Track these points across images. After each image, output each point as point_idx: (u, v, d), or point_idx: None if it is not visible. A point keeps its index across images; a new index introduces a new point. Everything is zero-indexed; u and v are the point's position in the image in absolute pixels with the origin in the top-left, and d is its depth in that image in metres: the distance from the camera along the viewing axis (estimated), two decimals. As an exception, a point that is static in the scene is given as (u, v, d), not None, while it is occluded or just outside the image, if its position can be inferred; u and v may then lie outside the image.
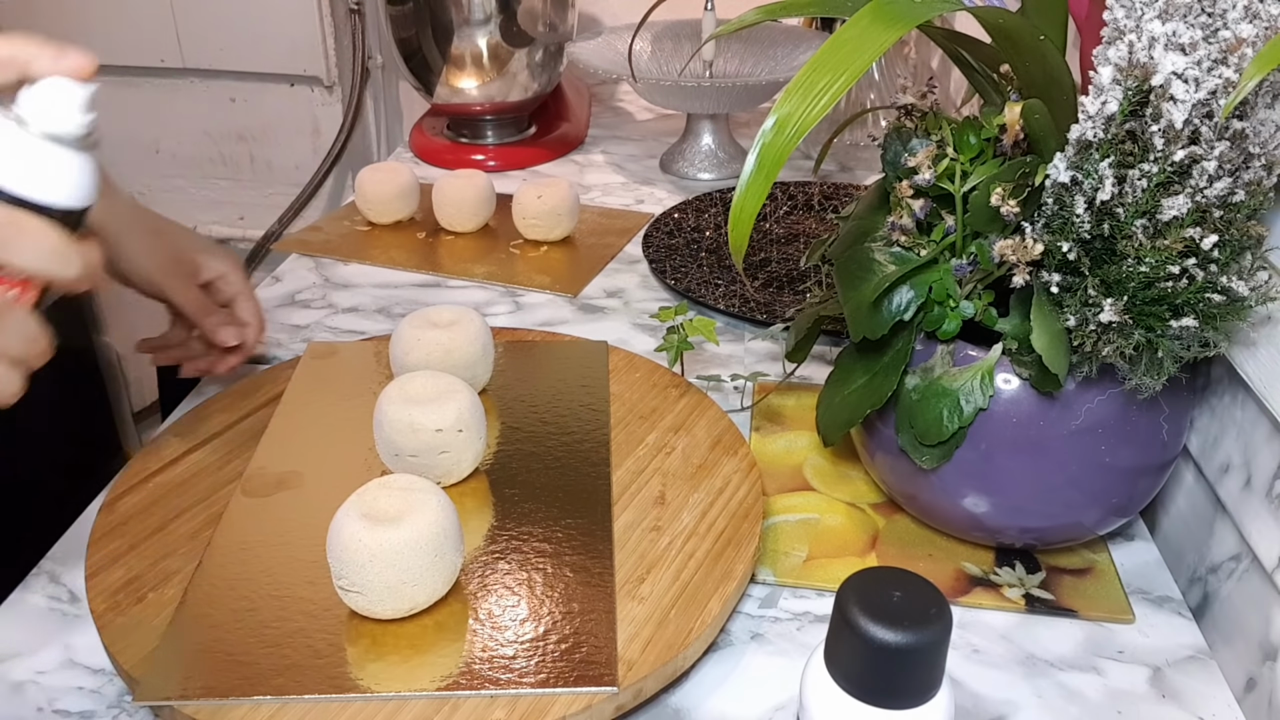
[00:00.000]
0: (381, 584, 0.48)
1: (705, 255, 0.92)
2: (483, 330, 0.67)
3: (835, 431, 0.56)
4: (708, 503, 0.58)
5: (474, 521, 0.57)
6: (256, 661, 0.48)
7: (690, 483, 0.60)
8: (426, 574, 0.49)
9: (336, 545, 0.49)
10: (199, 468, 0.62)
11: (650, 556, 0.55)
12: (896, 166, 0.54)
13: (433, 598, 0.51)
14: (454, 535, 0.51)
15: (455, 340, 0.65)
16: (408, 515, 0.49)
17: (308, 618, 0.51)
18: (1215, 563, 0.55)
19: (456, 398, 0.58)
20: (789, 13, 0.51)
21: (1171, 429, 0.52)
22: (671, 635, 0.50)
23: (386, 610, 0.49)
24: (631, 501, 0.59)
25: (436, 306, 0.69)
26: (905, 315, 0.52)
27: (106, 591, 0.52)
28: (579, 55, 1.09)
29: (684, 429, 0.65)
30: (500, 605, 0.52)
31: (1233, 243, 0.45)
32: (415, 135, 1.22)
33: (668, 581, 0.53)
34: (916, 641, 0.35)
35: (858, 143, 1.14)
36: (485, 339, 0.67)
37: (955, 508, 0.55)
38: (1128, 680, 0.52)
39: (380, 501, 0.50)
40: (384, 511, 0.50)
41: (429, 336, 0.65)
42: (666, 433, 0.65)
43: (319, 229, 0.99)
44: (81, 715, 0.50)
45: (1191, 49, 0.42)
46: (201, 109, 1.58)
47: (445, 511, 0.51)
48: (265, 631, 0.50)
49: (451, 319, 0.67)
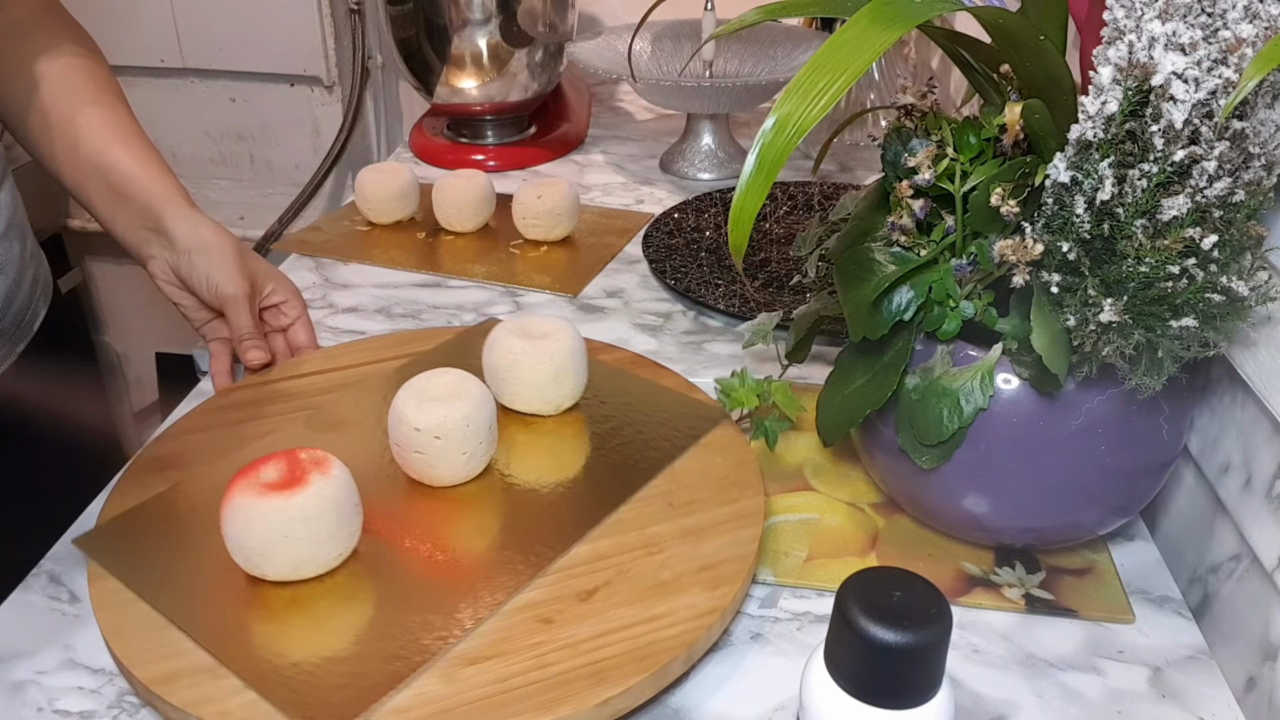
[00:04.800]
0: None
1: (705, 255, 0.92)
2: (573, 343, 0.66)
3: (835, 431, 0.56)
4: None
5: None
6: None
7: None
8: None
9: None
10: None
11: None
12: (896, 166, 0.54)
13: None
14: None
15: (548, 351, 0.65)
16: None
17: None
18: (1215, 563, 0.55)
19: (451, 405, 0.58)
20: (789, 13, 0.51)
21: (1171, 429, 0.52)
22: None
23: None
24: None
25: (532, 318, 0.68)
26: (905, 315, 0.52)
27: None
28: (579, 55, 1.09)
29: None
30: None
31: (1233, 243, 0.45)
32: (415, 135, 1.22)
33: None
34: (916, 641, 0.35)
35: (858, 143, 1.14)
36: (576, 350, 0.66)
37: (955, 508, 0.55)
38: (1128, 680, 0.52)
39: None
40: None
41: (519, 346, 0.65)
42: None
43: (319, 229, 0.99)
44: (81, 715, 0.50)
45: (1191, 49, 0.42)
46: (201, 109, 1.58)
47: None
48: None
49: (546, 330, 0.66)
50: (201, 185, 1.66)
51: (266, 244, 1.59)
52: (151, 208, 0.70)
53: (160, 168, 0.73)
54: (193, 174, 1.65)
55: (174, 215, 0.70)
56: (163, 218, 0.70)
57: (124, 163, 0.71)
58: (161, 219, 0.70)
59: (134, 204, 0.71)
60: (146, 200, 0.71)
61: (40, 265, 0.82)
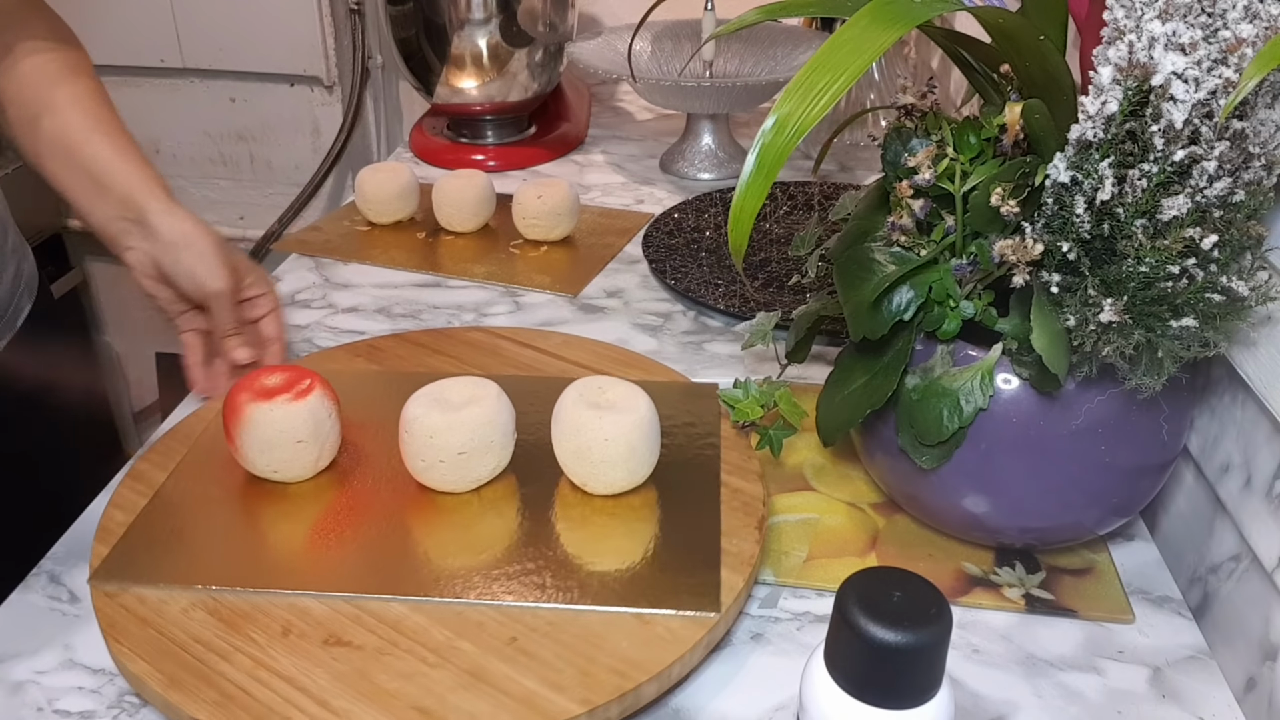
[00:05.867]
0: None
1: (705, 255, 0.92)
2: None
3: (835, 431, 0.56)
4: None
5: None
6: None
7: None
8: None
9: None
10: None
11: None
12: (896, 166, 0.54)
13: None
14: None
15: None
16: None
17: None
18: (1215, 563, 0.55)
19: (460, 413, 0.58)
20: (789, 13, 0.51)
21: (1171, 429, 0.52)
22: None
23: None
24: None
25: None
26: (905, 315, 0.52)
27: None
28: (579, 55, 1.09)
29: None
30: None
31: (1233, 243, 0.45)
32: (415, 135, 1.22)
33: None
34: (916, 641, 0.35)
35: (858, 143, 1.14)
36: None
37: (955, 508, 0.55)
38: (1128, 680, 0.52)
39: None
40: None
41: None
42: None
43: (319, 229, 0.99)
44: (81, 715, 0.50)
45: (1191, 49, 0.42)
46: (201, 109, 1.58)
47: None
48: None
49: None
50: (201, 185, 1.66)
51: (266, 244, 1.59)
52: (132, 199, 0.70)
53: (140, 160, 0.72)
54: (193, 174, 1.65)
55: (156, 208, 0.70)
56: (145, 210, 0.69)
57: (104, 154, 0.71)
58: (143, 211, 0.69)
59: (114, 195, 0.70)
60: (127, 191, 0.70)
61: (24, 260, 0.82)
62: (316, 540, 0.56)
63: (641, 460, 0.58)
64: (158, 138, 1.61)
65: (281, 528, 0.57)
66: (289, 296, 0.87)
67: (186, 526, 0.57)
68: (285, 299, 0.87)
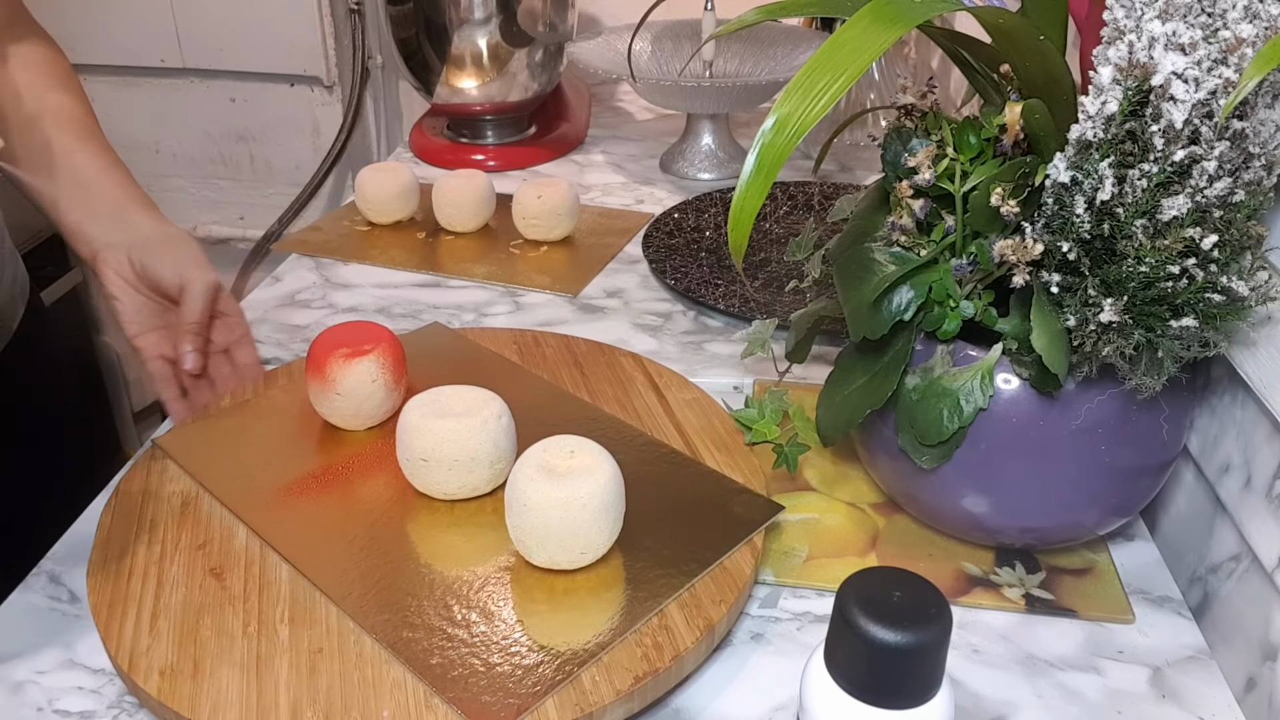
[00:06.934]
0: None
1: (705, 255, 0.92)
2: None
3: (835, 431, 0.56)
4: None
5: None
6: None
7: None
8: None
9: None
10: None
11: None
12: (896, 166, 0.54)
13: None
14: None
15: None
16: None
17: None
18: (1215, 563, 0.55)
19: (445, 424, 0.57)
20: (789, 13, 0.51)
21: (1171, 429, 0.52)
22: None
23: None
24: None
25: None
26: (905, 315, 0.52)
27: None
28: (579, 55, 1.09)
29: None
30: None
31: (1233, 243, 0.45)
32: (415, 135, 1.22)
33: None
34: (916, 641, 0.35)
35: (858, 143, 1.14)
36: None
37: (955, 508, 0.55)
38: (1128, 680, 0.52)
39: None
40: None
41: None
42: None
43: (319, 229, 0.99)
44: (81, 715, 0.50)
45: (1191, 49, 0.42)
46: (201, 109, 1.58)
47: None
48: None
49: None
50: (201, 185, 1.66)
51: (266, 244, 1.59)
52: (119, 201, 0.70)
53: (127, 176, 0.73)
54: (193, 174, 1.65)
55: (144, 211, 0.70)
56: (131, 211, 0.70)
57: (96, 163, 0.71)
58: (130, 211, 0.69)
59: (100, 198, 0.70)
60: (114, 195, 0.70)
61: (17, 266, 0.82)
62: (289, 498, 0.59)
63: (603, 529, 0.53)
64: (158, 138, 1.61)
65: (296, 467, 0.62)
66: (289, 296, 0.87)
67: (242, 432, 0.65)
68: (285, 299, 0.87)
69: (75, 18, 1.41)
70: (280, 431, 0.65)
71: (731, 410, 0.67)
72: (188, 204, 1.66)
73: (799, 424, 0.66)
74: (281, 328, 0.83)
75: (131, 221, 0.69)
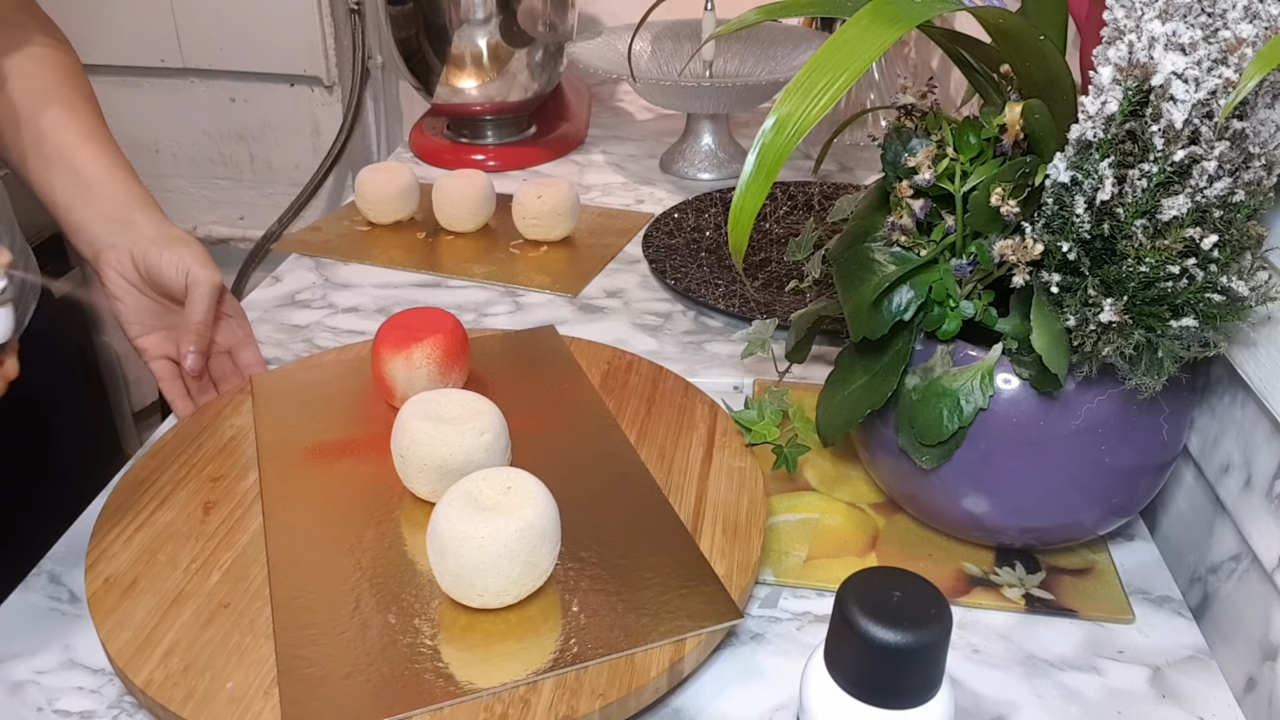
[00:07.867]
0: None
1: (705, 255, 0.92)
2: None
3: (835, 432, 0.56)
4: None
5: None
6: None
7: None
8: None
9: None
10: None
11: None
12: (896, 166, 0.54)
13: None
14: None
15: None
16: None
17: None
18: (1215, 563, 0.55)
19: (423, 426, 0.56)
20: (789, 13, 0.51)
21: (1171, 429, 0.52)
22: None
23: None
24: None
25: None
26: (905, 315, 0.52)
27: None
28: (579, 55, 1.09)
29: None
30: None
31: (1233, 243, 0.45)
32: (415, 135, 1.22)
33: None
34: (916, 641, 0.35)
35: (858, 143, 1.14)
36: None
37: (955, 508, 0.55)
38: (1128, 680, 0.52)
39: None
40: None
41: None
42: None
43: (319, 229, 0.99)
44: (81, 715, 0.50)
45: (1191, 49, 0.42)
46: (201, 109, 1.58)
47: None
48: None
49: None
50: (201, 185, 1.66)
51: (266, 244, 1.59)
52: (123, 200, 0.69)
53: (131, 175, 0.72)
54: (193, 174, 1.65)
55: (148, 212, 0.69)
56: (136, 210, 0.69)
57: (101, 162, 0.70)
58: (134, 211, 0.69)
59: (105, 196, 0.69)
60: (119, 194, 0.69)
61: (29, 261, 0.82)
62: (309, 457, 0.61)
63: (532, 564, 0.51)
64: (158, 138, 1.61)
65: (332, 430, 0.63)
66: (289, 296, 0.87)
67: (318, 386, 0.67)
68: (285, 299, 0.87)
69: (75, 17, 1.41)
70: (344, 394, 0.67)
71: (731, 411, 0.67)
72: (188, 204, 1.66)
73: (799, 424, 0.66)
74: (281, 328, 0.83)
75: (134, 222, 0.69)
